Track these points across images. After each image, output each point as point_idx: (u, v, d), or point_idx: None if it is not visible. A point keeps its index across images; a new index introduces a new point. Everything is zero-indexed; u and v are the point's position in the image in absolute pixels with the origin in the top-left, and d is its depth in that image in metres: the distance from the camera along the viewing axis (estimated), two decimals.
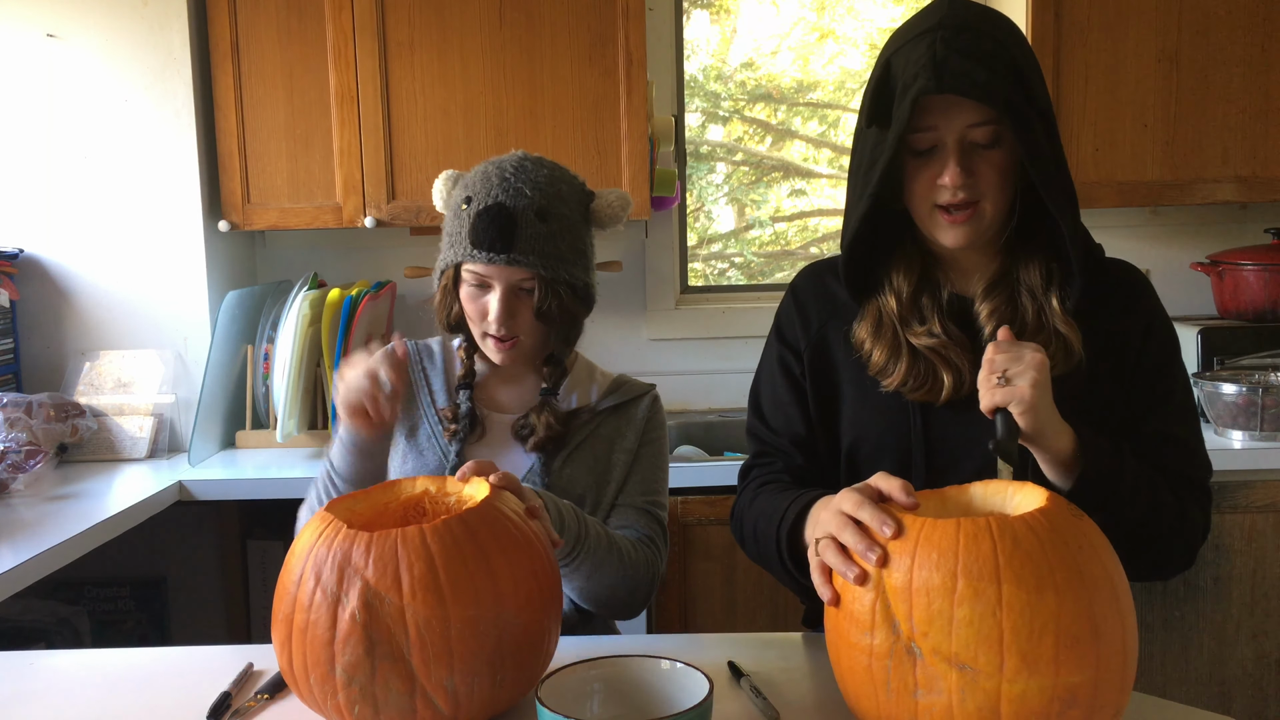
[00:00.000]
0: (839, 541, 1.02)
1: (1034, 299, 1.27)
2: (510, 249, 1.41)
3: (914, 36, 1.18)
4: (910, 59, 1.17)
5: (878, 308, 1.31)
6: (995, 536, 0.94)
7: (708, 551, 2.33)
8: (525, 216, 1.42)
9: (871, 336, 1.30)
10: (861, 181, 1.24)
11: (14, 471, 2.17)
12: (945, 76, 1.13)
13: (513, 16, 2.51)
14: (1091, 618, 0.93)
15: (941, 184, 1.20)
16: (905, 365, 1.27)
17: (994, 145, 1.20)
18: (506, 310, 1.45)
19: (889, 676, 0.96)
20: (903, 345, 1.28)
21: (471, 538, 1.06)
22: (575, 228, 1.49)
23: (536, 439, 1.50)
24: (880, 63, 1.22)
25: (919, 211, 1.25)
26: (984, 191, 1.21)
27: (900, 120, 1.16)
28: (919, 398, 1.28)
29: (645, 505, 1.52)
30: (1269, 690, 2.35)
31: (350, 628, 1.01)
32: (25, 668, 1.33)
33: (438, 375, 1.59)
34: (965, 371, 1.26)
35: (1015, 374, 1.12)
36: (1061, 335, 1.24)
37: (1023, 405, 1.11)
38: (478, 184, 1.47)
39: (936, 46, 1.15)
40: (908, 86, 1.16)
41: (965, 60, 1.14)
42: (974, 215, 1.22)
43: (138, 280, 2.59)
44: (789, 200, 3.35)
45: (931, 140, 1.20)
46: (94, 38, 2.53)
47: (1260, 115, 2.51)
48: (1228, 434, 2.37)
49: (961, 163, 1.19)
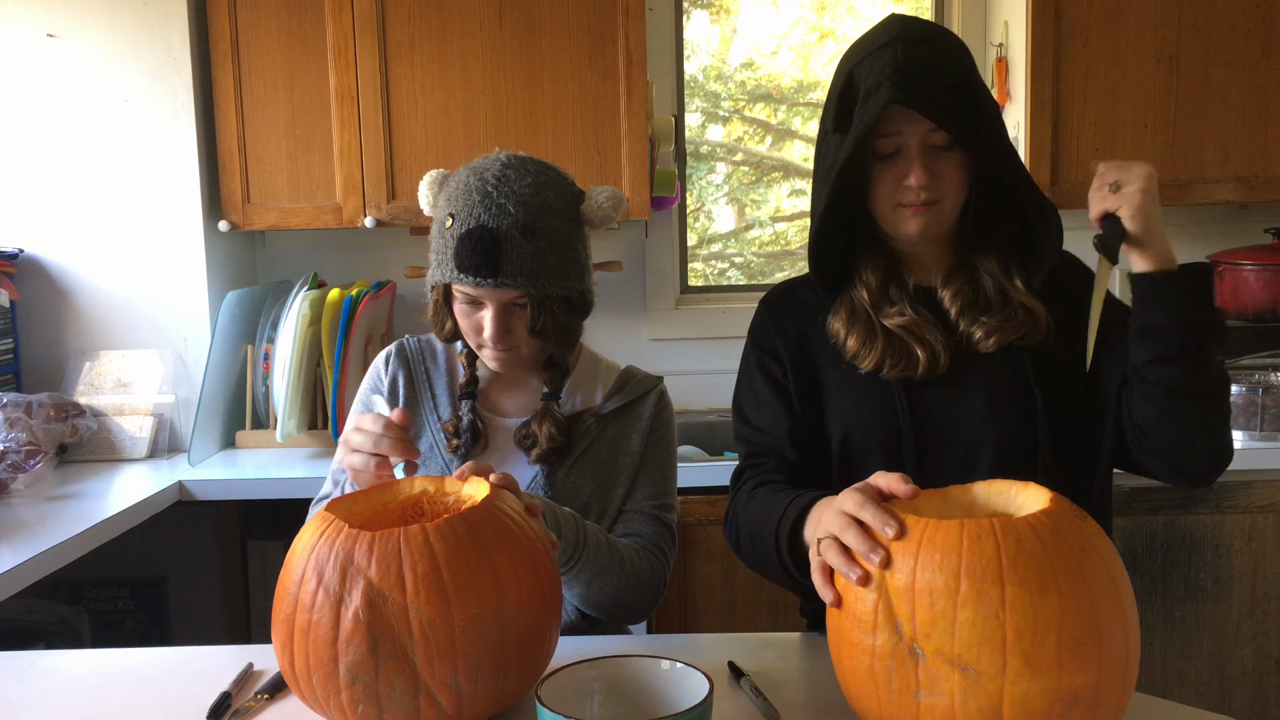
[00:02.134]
0: (841, 542, 1.02)
1: (994, 279, 1.36)
2: (496, 273, 1.36)
3: (875, 49, 1.26)
4: (873, 69, 1.25)
5: (850, 299, 1.38)
6: (999, 538, 0.94)
7: (708, 551, 2.34)
8: (510, 237, 1.37)
9: (846, 325, 1.37)
10: (822, 183, 1.32)
11: (14, 471, 2.17)
12: (908, 88, 1.22)
13: (513, 16, 2.51)
14: (1094, 619, 0.93)
15: (907, 185, 1.28)
16: (881, 345, 1.34)
17: (952, 147, 1.29)
18: (501, 328, 1.41)
19: (891, 677, 0.96)
20: (876, 328, 1.35)
21: (474, 536, 1.06)
22: (565, 237, 1.43)
23: (539, 450, 1.47)
24: (841, 74, 1.31)
25: (883, 210, 1.33)
26: (944, 191, 1.30)
27: (864, 123, 1.23)
28: (895, 375, 1.33)
29: (653, 510, 1.50)
30: (1269, 690, 2.35)
31: (354, 627, 1.01)
32: (25, 668, 1.33)
33: (441, 378, 1.57)
34: (939, 347, 1.33)
35: (1126, 181, 1.21)
36: (1026, 308, 1.34)
37: (1132, 209, 1.20)
38: (459, 199, 1.41)
39: (899, 58, 1.23)
40: (870, 94, 1.24)
41: (925, 74, 1.23)
42: (934, 208, 1.31)
43: (138, 280, 2.59)
44: (789, 200, 3.35)
45: (895, 144, 1.28)
46: (94, 38, 2.54)
47: (1260, 115, 2.51)
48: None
49: (924, 165, 1.27)
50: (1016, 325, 1.32)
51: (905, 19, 1.29)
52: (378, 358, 1.61)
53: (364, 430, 1.27)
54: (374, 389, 1.58)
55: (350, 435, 1.29)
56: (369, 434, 1.26)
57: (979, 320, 1.33)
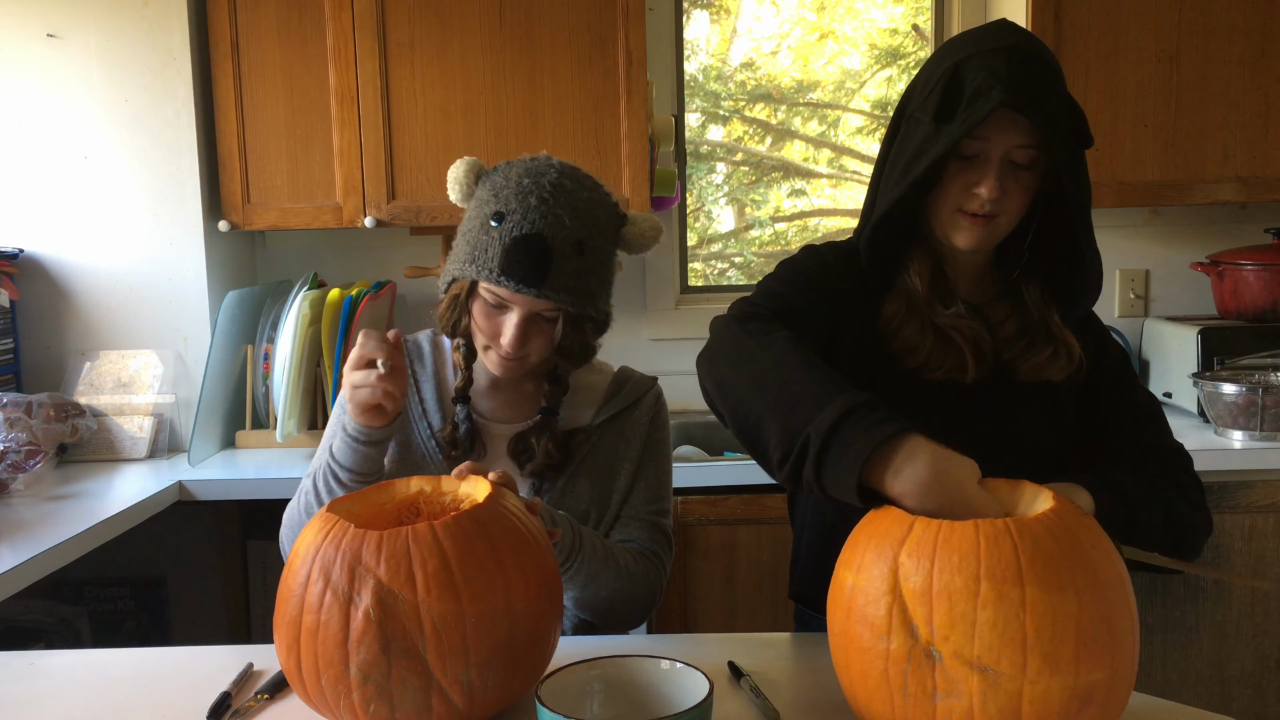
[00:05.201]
0: None
1: (1038, 311, 1.36)
2: (543, 283, 1.33)
3: (988, 49, 1.24)
4: (985, 69, 1.22)
5: (906, 287, 1.35)
6: (1015, 539, 0.95)
7: (708, 551, 2.34)
8: (563, 250, 1.33)
9: (901, 315, 1.33)
10: (903, 169, 1.28)
11: (14, 471, 2.17)
12: (1022, 96, 1.20)
13: (513, 16, 2.51)
14: (1108, 616, 0.94)
15: (976, 192, 1.26)
16: (930, 344, 1.32)
17: (1029, 168, 1.27)
18: (521, 336, 1.37)
19: (906, 681, 0.96)
20: (928, 326, 1.33)
21: (482, 533, 1.06)
22: (607, 259, 1.41)
23: (535, 465, 1.44)
24: (945, 64, 1.27)
25: (942, 210, 1.31)
26: (1007, 208, 1.28)
27: (969, 122, 1.21)
28: (939, 378, 1.31)
29: (650, 516, 1.49)
30: (1269, 690, 2.35)
31: (365, 626, 1.01)
32: (25, 668, 1.33)
33: (428, 382, 1.52)
34: (988, 354, 1.33)
35: None
36: (1065, 343, 1.34)
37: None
38: (512, 199, 1.35)
39: (1014, 64, 1.21)
40: (980, 93, 1.21)
41: (1037, 87, 1.21)
42: (991, 224, 1.29)
43: (138, 280, 2.59)
44: (789, 200, 3.35)
45: (979, 149, 1.26)
46: (94, 38, 2.54)
47: (1260, 115, 2.51)
48: (1228, 434, 2.37)
49: (999, 177, 1.26)
50: (1060, 365, 1.33)
51: (1017, 28, 1.27)
52: None
53: (365, 347, 1.32)
54: None
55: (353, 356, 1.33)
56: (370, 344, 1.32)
57: (1027, 355, 1.34)
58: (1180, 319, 2.75)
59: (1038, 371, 1.33)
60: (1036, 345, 1.34)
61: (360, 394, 1.32)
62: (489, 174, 1.43)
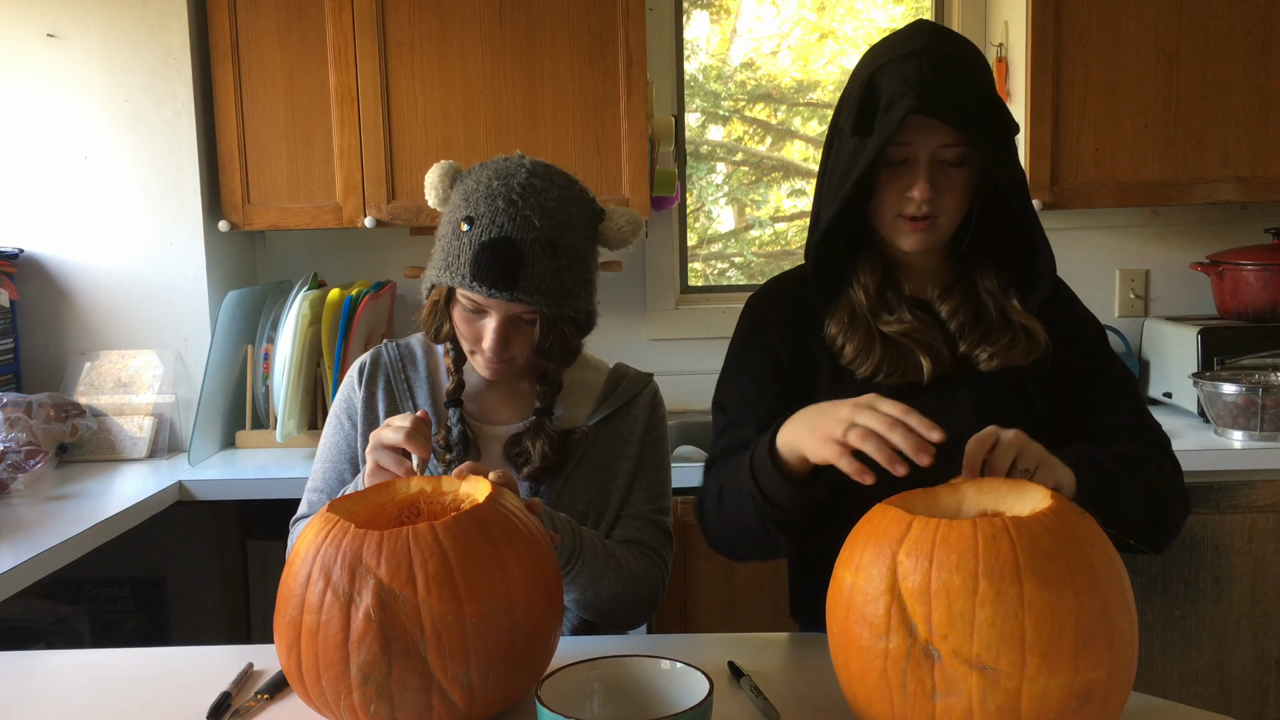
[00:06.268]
0: (877, 436, 1.05)
1: (994, 299, 1.37)
2: (513, 287, 1.32)
3: (900, 56, 1.25)
4: (897, 76, 1.24)
5: (849, 301, 1.38)
6: (1014, 537, 0.95)
7: (708, 551, 2.30)
8: (533, 252, 1.32)
9: (845, 330, 1.36)
10: (836, 185, 1.31)
11: (14, 471, 2.17)
12: (933, 99, 1.22)
13: (513, 16, 2.51)
14: (1106, 614, 0.94)
15: (910, 196, 1.29)
16: (879, 353, 1.34)
17: (960, 165, 1.29)
18: (502, 340, 1.37)
19: (905, 680, 0.96)
20: (875, 334, 1.35)
21: (483, 533, 1.06)
22: (584, 257, 1.40)
23: (531, 468, 1.44)
24: (863, 77, 1.29)
25: (883, 217, 1.33)
26: (945, 207, 1.31)
27: (884, 133, 1.23)
28: (895, 382, 1.33)
29: (650, 514, 1.49)
30: (1269, 690, 2.35)
31: (365, 626, 1.01)
32: (25, 668, 1.33)
33: (422, 386, 1.51)
34: (943, 352, 1.34)
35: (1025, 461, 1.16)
36: (1025, 328, 1.35)
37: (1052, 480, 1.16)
38: (481, 203, 1.35)
39: (924, 69, 1.23)
40: (893, 102, 1.23)
41: (950, 86, 1.23)
42: (932, 225, 1.31)
43: (138, 280, 2.59)
44: (789, 200, 3.35)
45: (905, 154, 1.29)
46: (94, 38, 2.54)
47: (1260, 115, 2.51)
48: (1228, 434, 2.37)
49: (930, 179, 1.28)
50: (1020, 351, 1.34)
51: (933, 27, 1.28)
52: (351, 369, 1.55)
53: (396, 426, 1.26)
54: (345, 411, 1.52)
55: (382, 433, 1.27)
56: (401, 429, 1.25)
57: (983, 344, 1.34)
58: (1180, 319, 2.75)
59: (998, 359, 1.34)
60: (993, 333, 1.34)
61: (381, 473, 1.28)
62: (463, 177, 1.43)
